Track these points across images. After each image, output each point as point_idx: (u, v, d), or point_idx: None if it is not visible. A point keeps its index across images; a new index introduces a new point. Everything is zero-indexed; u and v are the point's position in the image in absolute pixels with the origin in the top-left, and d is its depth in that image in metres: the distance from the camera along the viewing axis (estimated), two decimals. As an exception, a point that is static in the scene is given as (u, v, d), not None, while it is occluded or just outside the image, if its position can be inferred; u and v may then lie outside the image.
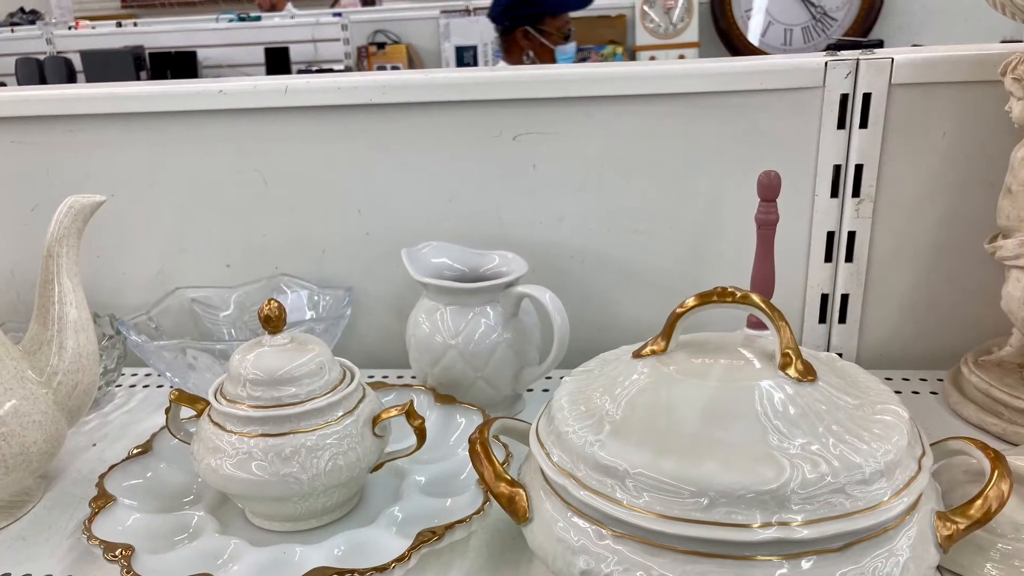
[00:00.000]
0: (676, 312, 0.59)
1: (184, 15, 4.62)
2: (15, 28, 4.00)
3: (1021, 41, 0.84)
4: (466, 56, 3.54)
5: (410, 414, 0.69)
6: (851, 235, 0.94)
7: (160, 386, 1.00)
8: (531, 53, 2.39)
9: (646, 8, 3.06)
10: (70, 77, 3.41)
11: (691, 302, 0.58)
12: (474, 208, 0.98)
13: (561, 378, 0.63)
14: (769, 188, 0.74)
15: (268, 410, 0.65)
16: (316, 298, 1.00)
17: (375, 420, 0.69)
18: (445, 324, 0.83)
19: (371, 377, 0.97)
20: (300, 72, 3.47)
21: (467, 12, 3.60)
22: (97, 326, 0.90)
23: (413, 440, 0.71)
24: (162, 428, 0.77)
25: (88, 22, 4.12)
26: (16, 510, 0.75)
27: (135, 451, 0.77)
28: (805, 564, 0.48)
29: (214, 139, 0.99)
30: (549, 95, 0.93)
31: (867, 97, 0.88)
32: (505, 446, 0.73)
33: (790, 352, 0.55)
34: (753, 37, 2.94)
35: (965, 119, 0.89)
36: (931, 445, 0.56)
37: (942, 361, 0.94)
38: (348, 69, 3.54)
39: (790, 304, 0.97)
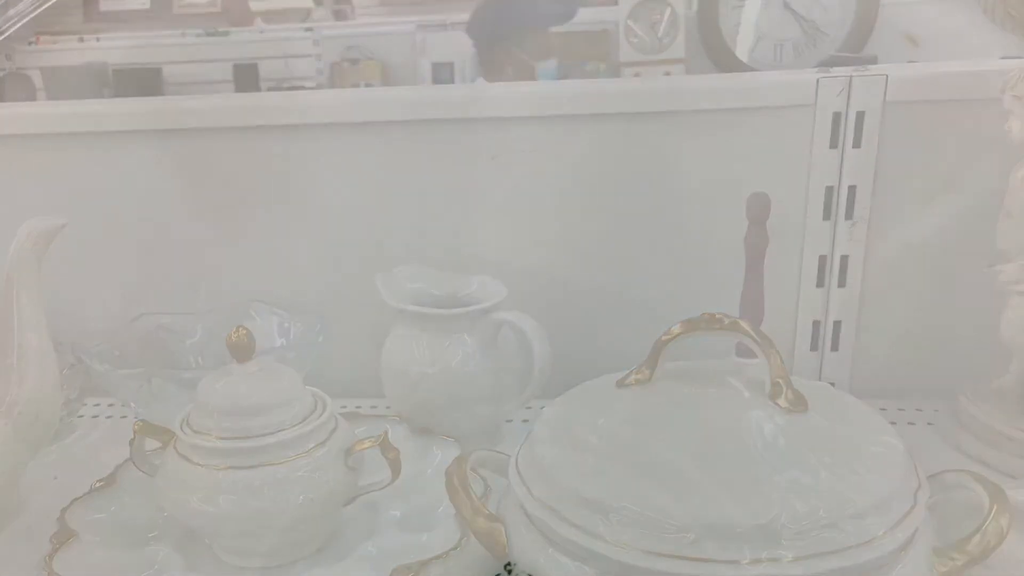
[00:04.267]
0: (661, 339, 0.59)
1: (149, 30, 4.58)
2: (-29, 44, 3.99)
3: (1021, 57, 0.83)
4: (443, 73, 3.55)
5: (384, 446, 0.68)
6: (844, 259, 0.93)
7: (124, 416, 0.99)
8: (511, 70, 2.39)
9: (631, 23, 3.05)
10: (30, 95, 3.39)
11: (677, 329, 0.58)
12: (451, 231, 0.97)
13: (542, 408, 0.63)
14: (758, 210, 0.74)
15: (237, 441, 0.65)
16: (287, 325, 0.98)
17: (348, 452, 0.68)
18: (421, 352, 0.82)
19: (344, 407, 0.94)
20: (270, 90, 3.46)
21: (444, 27, 3.60)
22: (58, 354, 0.88)
23: (388, 473, 0.70)
24: (126, 460, 0.75)
25: (49, 37, 4.10)
26: (-28, 547, 0.73)
27: (98, 484, 0.76)
28: (796, 601, 0.47)
29: (180, 159, 0.97)
30: (529, 113, 0.92)
31: (860, 115, 0.88)
32: (484, 479, 0.72)
33: (780, 381, 0.55)
34: (742, 53, 2.93)
35: (963, 138, 0.88)
36: (928, 478, 0.55)
37: (939, 391, 0.92)
38: (320, 86, 3.54)
39: (780, 331, 0.95)
